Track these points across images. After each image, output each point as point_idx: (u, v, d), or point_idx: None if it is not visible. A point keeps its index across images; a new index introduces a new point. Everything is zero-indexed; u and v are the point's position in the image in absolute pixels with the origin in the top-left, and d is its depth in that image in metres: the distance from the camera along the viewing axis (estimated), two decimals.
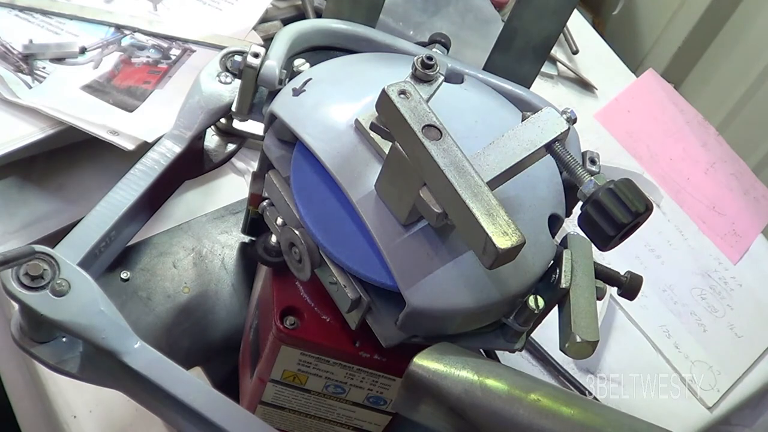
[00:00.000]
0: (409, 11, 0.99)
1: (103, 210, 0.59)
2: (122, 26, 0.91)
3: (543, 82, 1.13)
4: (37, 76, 0.84)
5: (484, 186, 0.48)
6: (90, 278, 0.53)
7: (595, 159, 0.61)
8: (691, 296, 1.01)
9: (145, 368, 0.53)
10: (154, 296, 0.77)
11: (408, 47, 0.66)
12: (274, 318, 0.56)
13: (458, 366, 0.52)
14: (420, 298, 0.51)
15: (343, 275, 0.53)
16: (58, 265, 0.52)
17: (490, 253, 0.46)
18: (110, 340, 0.52)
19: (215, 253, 0.81)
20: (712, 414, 0.92)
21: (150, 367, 0.53)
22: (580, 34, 1.20)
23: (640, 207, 0.50)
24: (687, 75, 1.46)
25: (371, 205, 0.52)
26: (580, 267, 0.57)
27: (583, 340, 0.53)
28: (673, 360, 0.94)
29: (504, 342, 0.58)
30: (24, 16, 0.89)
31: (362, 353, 0.57)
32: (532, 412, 0.51)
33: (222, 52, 0.67)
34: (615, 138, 1.13)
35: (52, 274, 0.52)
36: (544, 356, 0.87)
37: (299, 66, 0.61)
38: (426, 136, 0.48)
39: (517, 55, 0.69)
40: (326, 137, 0.54)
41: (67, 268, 0.52)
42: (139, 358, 0.53)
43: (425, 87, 0.55)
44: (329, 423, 0.65)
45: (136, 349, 0.53)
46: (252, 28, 0.96)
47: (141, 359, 0.53)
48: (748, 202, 1.13)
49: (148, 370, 0.53)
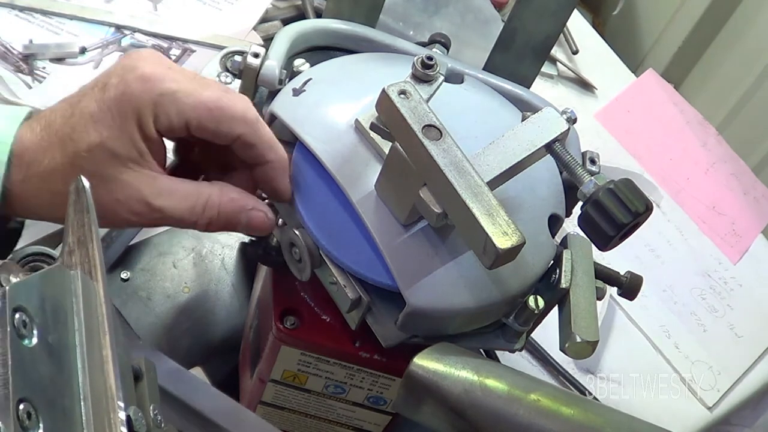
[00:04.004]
0: (409, 11, 0.99)
1: None
2: (122, 26, 0.91)
3: (543, 82, 1.13)
4: (37, 76, 0.84)
5: (484, 186, 0.48)
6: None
7: (595, 159, 0.61)
8: (691, 296, 1.01)
9: None
10: (154, 296, 0.77)
11: (408, 47, 0.66)
12: (274, 318, 0.56)
13: (458, 366, 0.52)
14: (420, 298, 0.51)
15: (343, 275, 0.53)
16: None
17: (490, 253, 0.46)
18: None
19: (215, 253, 0.81)
20: (712, 414, 0.92)
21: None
22: (580, 34, 1.19)
23: (640, 207, 0.50)
24: (687, 75, 1.46)
25: (371, 205, 0.52)
26: (580, 267, 0.57)
27: (583, 340, 0.53)
28: (673, 360, 0.94)
29: (504, 342, 0.58)
30: (24, 16, 0.89)
31: (362, 353, 0.57)
32: (532, 412, 0.51)
33: (222, 52, 0.67)
34: (615, 138, 1.13)
35: None
36: (544, 356, 0.87)
37: (299, 66, 0.61)
38: (426, 136, 0.48)
39: (517, 55, 0.69)
40: (326, 137, 0.54)
41: None
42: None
43: (425, 87, 0.55)
44: (329, 423, 0.65)
45: (137, 348, 0.53)
46: (252, 28, 0.96)
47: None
48: (748, 202, 1.13)
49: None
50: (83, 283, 0.35)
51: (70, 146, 0.48)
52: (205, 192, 0.51)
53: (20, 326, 0.31)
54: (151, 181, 0.50)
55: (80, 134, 0.48)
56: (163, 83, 0.49)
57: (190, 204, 0.51)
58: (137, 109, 0.48)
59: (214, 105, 0.50)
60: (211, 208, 0.51)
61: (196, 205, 0.51)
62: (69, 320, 0.34)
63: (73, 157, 0.48)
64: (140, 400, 0.38)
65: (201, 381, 0.58)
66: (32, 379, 0.31)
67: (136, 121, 0.48)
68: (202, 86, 0.50)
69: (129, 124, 0.48)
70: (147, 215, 0.50)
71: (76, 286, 0.35)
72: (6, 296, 0.31)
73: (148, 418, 0.36)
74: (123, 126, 0.48)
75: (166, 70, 0.49)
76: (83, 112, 0.48)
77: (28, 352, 0.31)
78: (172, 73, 0.50)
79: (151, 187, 0.50)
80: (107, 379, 0.33)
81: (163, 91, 0.49)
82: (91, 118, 0.48)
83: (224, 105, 0.50)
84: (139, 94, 0.48)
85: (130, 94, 0.48)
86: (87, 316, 0.35)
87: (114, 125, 0.48)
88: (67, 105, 0.50)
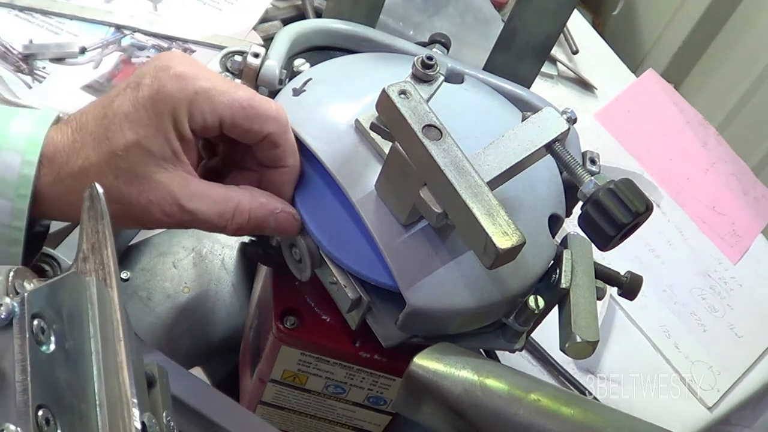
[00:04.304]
0: (409, 11, 0.99)
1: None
2: (122, 26, 0.91)
3: (543, 82, 1.13)
4: (37, 76, 0.84)
5: (484, 186, 0.48)
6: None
7: (595, 159, 0.61)
8: (691, 296, 1.01)
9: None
10: (154, 296, 0.77)
11: (408, 47, 0.66)
12: (274, 318, 0.56)
13: (458, 366, 0.52)
14: (420, 298, 0.51)
15: (343, 275, 0.53)
16: (59, 266, 0.52)
17: (491, 253, 0.46)
18: None
19: (215, 253, 0.81)
20: (712, 414, 0.92)
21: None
22: (580, 34, 1.20)
23: (640, 207, 0.50)
24: (687, 75, 1.46)
25: (371, 205, 0.52)
26: (580, 267, 0.57)
27: (583, 340, 0.53)
28: (673, 360, 0.94)
29: (504, 342, 0.58)
30: (24, 16, 0.89)
31: (362, 353, 0.56)
32: (532, 412, 0.51)
33: (222, 52, 0.67)
34: (615, 138, 1.13)
35: (53, 275, 0.52)
36: (544, 356, 0.87)
37: (299, 66, 0.61)
38: (426, 136, 0.48)
39: (517, 55, 0.69)
40: (326, 137, 0.54)
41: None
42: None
43: (425, 87, 0.55)
44: (329, 423, 0.65)
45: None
46: (252, 28, 0.96)
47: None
48: (748, 202, 1.13)
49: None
50: (98, 289, 0.36)
51: (105, 146, 0.48)
52: (235, 198, 0.51)
53: (38, 332, 0.31)
54: (184, 183, 0.50)
55: (115, 133, 0.48)
56: (197, 81, 0.49)
57: (220, 209, 0.51)
58: (173, 108, 0.48)
59: (248, 103, 0.50)
60: (241, 214, 0.51)
61: (226, 211, 0.51)
62: (85, 327, 0.35)
63: (109, 155, 0.48)
64: (154, 406, 0.38)
65: (201, 381, 0.58)
66: (50, 385, 0.31)
67: (171, 120, 0.48)
68: (234, 85, 0.51)
69: (164, 123, 0.48)
70: (178, 217, 0.50)
71: (91, 293, 0.36)
72: (25, 303, 0.31)
73: (162, 424, 0.37)
74: (158, 124, 0.48)
75: (198, 69, 0.50)
76: (117, 112, 0.48)
77: (46, 359, 0.31)
78: (205, 72, 0.50)
79: (184, 189, 0.50)
80: (122, 385, 0.33)
81: (198, 89, 0.49)
82: (126, 118, 0.48)
83: (257, 104, 0.50)
84: (174, 92, 0.48)
85: (165, 92, 0.48)
86: (102, 323, 0.35)
87: (150, 124, 0.48)
88: (98, 107, 0.50)
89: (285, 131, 0.52)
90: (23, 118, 0.49)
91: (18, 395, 0.30)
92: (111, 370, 0.34)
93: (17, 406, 0.29)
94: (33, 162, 0.47)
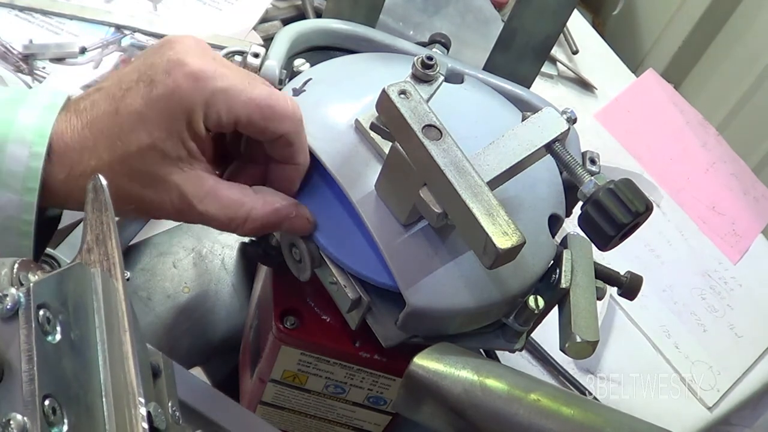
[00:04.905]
0: (409, 11, 0.99)
1: None
2: (122, 26, 0.91)
3: (543, 82, 1.13)
4: (37, 76, 0.84)
5: (484, 186, 0.48)
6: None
7: (595, 159, 0.61)
8: (691, 296, 1.01)
9: None
10: (154, 296, 0.77)
11: (408, 47, 0.66)
12: (274, 318, 0.56)
13: (458, 366, 0.52)
14: (420, 298, 0.51)
15: (343, 275, 0.53)
16: (59, 265, 0.52)
17: (491, 253, 0.46)
18: None
19: (215, 253, 0.81)
20: (712, 414, 0.92)
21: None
22: (580, 34, 1.19)
23: (640, 207, 0.50)
24: (687, 75, 1.46)
25: (371, 205, 0.52)
26: (580, 267, 0.57)
27: (583, 340, 0.53)
28: (673, 360, 0.94)
29: (504, 342, 0.58)
30: (24, 16, 0.89)
31: (362, 353, 0.57)
32: (532, 412, 0.51)
33: (222, 52, 0.67)
34: (615, 138, 1.13)
35: None
36: (544, 356, 0.87)
37: (299, 66, 0.61)
38: (426, 136, 0.48)
39: (517, 55, 0.69)
40: (326, 137, 0.54)
41: None
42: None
43: (425, 87, 0.55)
44: (329, 423, 0.65)
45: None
46: (252, 28, 0.96)
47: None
48: (748, 202, 1.13)
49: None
50: (103, 280, 0.36)
51: (119, 147, 0.47)
52: (248, 204, 0.51)
53: (44, 323, 0.32)
54: (198, 183, 0.49)
55: (128, 135, 0.47)
56: (214, 81, 0.48)
57: (230, 214, 0.50)
58: (188, 109, 0.47)
59: (264, 103, 0.49)
60: (254, 221, 0.51)
61: (237, 217, 0.50)
62: (90, 317, 0.35)
63: (123, 157, 0.47)
64: (159, 396, 0.38)
65: (201, 381, 0.58)
66: (56, 375, 0.31)
67: (185, 121, 0.48)
68: (251, 82, 0.50)
69: (179, 124, 0.47)
70: (188, 215, 0.50)
71: (96, 284, 0.36)
72: (30, 293, 0.31)
73: (167, 414, 0.37)
74: (172, 126, 0.47)
75: (214, 65, 0.48)
76: (130, 111, 0.47)
77: (52, 349, 0.32)
78: (221, 68, 0.49)
79: (198, 189, 0.49)
80: (128, 375, 0.33)
81: (215, 90, 0.48)
82: (140, 118, 0.47)
83: (274, 103, 0.50)
84: (190, 93, 0.47)
85: (180, 93, 0.47)
86: (107, 313, 0.35)
87: (164, 125, 0.47)
88: (109, 99, 0.48)
89: (300, 131, 0.51)
90: (30, 105, 0.48)
91: (25, 385, 0.30)
92: (116, 360, 0.34)
93: (24, 395, 0.30)
94: (41, 154, 0.46)
